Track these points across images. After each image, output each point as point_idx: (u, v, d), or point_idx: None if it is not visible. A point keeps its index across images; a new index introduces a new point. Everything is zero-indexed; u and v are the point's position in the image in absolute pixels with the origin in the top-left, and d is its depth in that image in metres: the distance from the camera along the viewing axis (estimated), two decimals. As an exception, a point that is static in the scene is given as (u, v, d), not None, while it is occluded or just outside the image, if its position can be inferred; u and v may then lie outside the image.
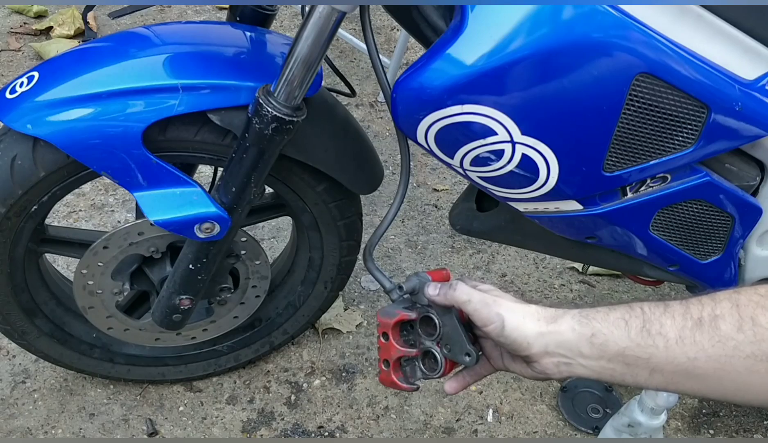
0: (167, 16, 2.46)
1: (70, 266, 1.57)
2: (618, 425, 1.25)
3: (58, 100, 0.95)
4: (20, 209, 1.04)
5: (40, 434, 1.32)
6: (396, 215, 1.02)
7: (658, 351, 0.65)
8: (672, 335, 0.65)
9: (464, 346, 0.77)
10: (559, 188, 0.98)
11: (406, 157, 1.01)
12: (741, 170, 1.03)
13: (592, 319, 0.69)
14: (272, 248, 1.71)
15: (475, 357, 0.76)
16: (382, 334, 0.82)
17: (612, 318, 0.68)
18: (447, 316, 0.78)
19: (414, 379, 0.83)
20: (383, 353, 0.83)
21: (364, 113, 2.18)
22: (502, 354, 0.79)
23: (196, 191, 1.02)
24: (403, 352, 0.81)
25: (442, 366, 0.79)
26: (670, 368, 0.65)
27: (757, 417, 1.47)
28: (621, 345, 0.67)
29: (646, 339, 0.66)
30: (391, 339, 0.82)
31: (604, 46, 0.85)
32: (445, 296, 0.77)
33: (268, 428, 1.37)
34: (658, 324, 0.66)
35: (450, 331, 0.78)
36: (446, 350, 0.79)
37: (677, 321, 0.65)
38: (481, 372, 0.82)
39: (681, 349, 0.64)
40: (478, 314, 0.73)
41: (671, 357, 0.65)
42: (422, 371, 0.82)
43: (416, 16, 0.99)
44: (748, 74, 0.91)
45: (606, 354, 0.67)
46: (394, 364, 0.82)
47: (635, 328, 0.66)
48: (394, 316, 0.81)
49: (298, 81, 0.92)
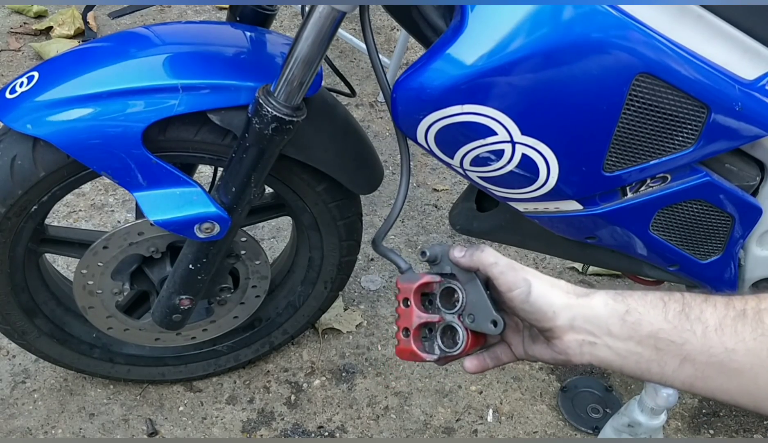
0: (167, 16, 2.46)
1: (70, 266, 1.57)
2: (618, 425, 1.25)
3: (58, 100, 0.95)
4: (20, 209, 1.04)
5: (40, 434, 1.32)
6: (402, 206, 0.99)
7: (695, 337, 0.61)
8: (712, 322, 0.61)
9: (490, 313, 0.71)
10: (559, 188, 0.98)
11: (406, 154, 1.00)
12: (741, 170, 1.03)
13: (628, 296, 0.65)
14: (272, 248, 1.71)
15: (502, 324, 0.70)
16: (403, 300, 0.77)
17: (649, 298, 0.64)
18: (470, 284, 0.73)
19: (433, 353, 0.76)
20: (403, 320, 0.77)
21: (364, 113, 2.18)
22: (524, 339, 0.74)
23: (196, 191, 1.02)
24: (425, 318, 0.76)
25: (464, 341, 0.73)
26: (703, 358, 0.61)
27: (757, 417, 1.47)
28: (656, 325, 0.62)
29: (683, 323, 0.62)
30: (413, 305, 0.76)
31: (604, 46, 0.85)
32: (471, 258, 0.72)
33: (268, 428, 1.37)
34: (698, 310, 0.62)
35: (474, 299, 0.73)
36: (469, 320, 0.73)
37: (719, 310, 0.61)
38: (501, 358, 0.77)
39: (719, 338, 0.60)
40: (504, 277, 0.68)
41: (707, 346, 0.60)
42: (441, 348, 0.75)
43: (416, 16, 0.99)
44: (748, 74, 0.91)
45: (637, 334, 0.63)
46: (415, 332, 0.76)
47: (673, 310, 0.62)
48: (417, 279, 0.76)
49: (298, 81, 0.92)
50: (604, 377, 1.51)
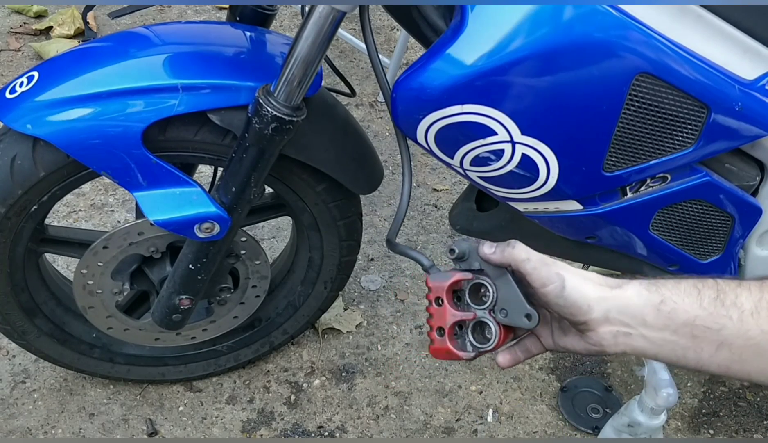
0: (167, 16, 2.46)
1: (70, 266, 1.57)
2: (618, 425, 1.25)
3: (57, 100, 0.95)
4: (20, 209, 1.04)
5: (40, 434, 1.32)
6: (408, 203, 0.98)
7: (731, 322, 0.61)
8: (748, 306, 0.61)
9: (524, 307, 0.71)
10: (558, 188, 0.98)
11: (407, 154, 0.99)
12: (741, 170, 1.03)
13: (661, 286, 0.65)
14: (272, 248, 1.71)
15: (536, 317, 0.70)
16: (435, 299, 0.76)
17: (683, 287, 0.64)
18: (501, 279, 0.73)
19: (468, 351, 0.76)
20: (436, 320, 0.76)
21: (364, 113, 2.18)
22: (553, 331, 0.74)
23: (195, 190, 1.02)
24: (460, 316, 0.75)
25: (497, 336, 0.73)
26: (740, 341, 0.62)
27: (757, 417, 1.47)
28: (692, 313, 0.63)
29: (719, 309, 0.62)
30: (446, 304, 0.75)
31: (604, 46, 0.85)
32: (502, 254, 0.71)
33: (268, 428, 1.37)
34: (733, 295, 0.62)
35: (506, 294, 0.72)
36: (501, 315, 0.73)
37: (753, 294, 0.62)
38: (531, 350, 0.77)
39: (756, 321, 0.61)
40: (537, 273, 0.68)
41: (744, 330, 0.61)
42: (473, 344, 0.75)
43: (416, 16, 0.99)
44: (748, 74, 0.91)
45: (673, 323, 0.63)
46: (449, 331, 0.75)
47: (708, 297, 0.63)
48: (448, 278, 0.75)
49: (298, 81, 0.92)
50: (604, 377, 1.51)
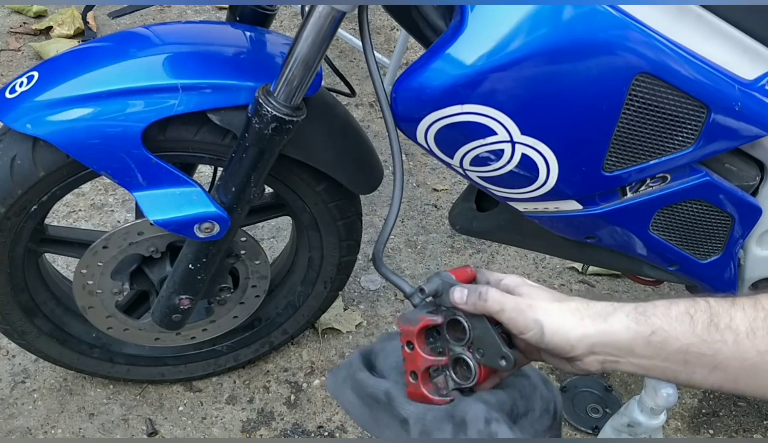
0: (167, 16, 2.46)
1: (70, 266, 1.57)
2: (618, 425, 1.25)
3: (57, 100, 0.95)
4: (20, 208, 1.04)
5: (40, 434, 1.32)
6: (396, 218, 0.96)
7: (727, 346, 0.60)
8: (743, 327, 0.60)
9: (499, 349, 0.69)
10: (558, 188, 0.98)
11: (399, 162, 0.96)
12: (741, 170, 1.03)
13: (651, 315, 0.63)
14: (272, 248, 1.71)
15: (512, 360, 0.69)
16: (406, 343, 0.73)
17: (674, 313, 0.62)
18: (476, 318, 0.71)
19: (446, 390, 0.74)
20: (408, 364, 0.73)
21: (364, 113, 2.18)
22: (540, 351, 0.72)
23: (195, 190, 1.02)
24: (431, 361, 0.73)
25: (476, 374, 0.71)
26: (736, 364, 0.60)
27: (756, 416, 1.47)
28: (684, 341, 0.61)
29: (713, 335, 0.60)
30: (417, 348, 0.73)
31: (603, 46, 0.85)
32: (474, 307, 0.69)
33: (268, 428, 1.37)
34: (728, 317, 0.60)
35: (481, 334, 0.70)
36: (479, 354, 0.71)
37: (748, 313, 0.60)
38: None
39: (752, 342, 0.59)
40: (514, 323, 0.67)
41: (740, 352, 0.60)
42: (454, 380, 0.73)
43: (416, 16, 0.99)
44: (748, 74, 0.91)
45: (664, 352, 0.62)
46: (422, 376, 0.73)
47: (702, 323, 0.61)
48: (417, 322, 0.73)
49: (298, 81, 0.92)
50: (604, 377, 1.51)
